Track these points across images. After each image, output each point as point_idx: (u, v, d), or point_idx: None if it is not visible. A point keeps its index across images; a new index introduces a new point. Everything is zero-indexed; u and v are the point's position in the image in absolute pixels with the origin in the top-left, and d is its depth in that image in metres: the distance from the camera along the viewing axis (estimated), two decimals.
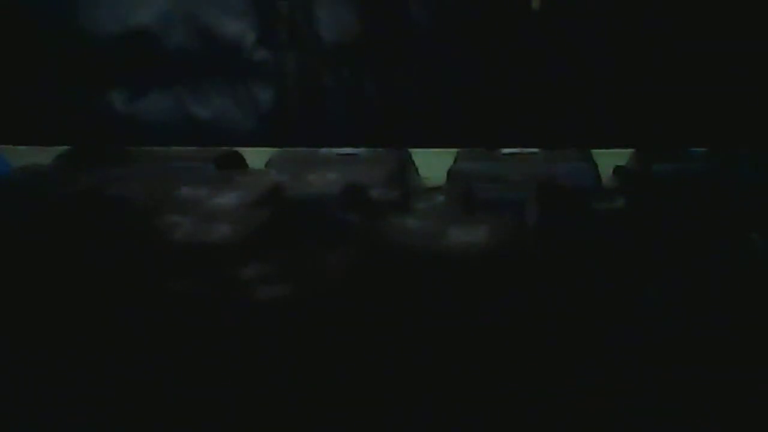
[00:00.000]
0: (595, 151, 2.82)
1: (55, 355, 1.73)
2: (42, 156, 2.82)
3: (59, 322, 1.84)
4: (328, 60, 2.97)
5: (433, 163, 2.83)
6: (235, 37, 2.96)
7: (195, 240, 2.21)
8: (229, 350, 1.75)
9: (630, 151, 2.84)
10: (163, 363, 1.71)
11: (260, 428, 1.57)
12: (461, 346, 1.71)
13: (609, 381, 1.58)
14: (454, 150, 2.89)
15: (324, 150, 2.95)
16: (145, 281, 1.99)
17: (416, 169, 2.82)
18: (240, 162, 2.94)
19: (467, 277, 1.96)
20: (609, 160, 2.79)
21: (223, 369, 1.70)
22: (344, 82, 3.03)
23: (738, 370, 1.60)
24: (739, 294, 1.84)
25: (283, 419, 1.58)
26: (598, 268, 1.94)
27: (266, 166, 2.85)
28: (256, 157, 2.90)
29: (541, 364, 1.64)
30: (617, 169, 2.77)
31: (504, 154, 2.88)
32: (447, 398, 1.58)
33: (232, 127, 3.01)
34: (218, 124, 2.98)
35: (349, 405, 1.58)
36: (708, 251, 1.95)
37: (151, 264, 2.07)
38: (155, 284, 1.97)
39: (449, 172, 2.74)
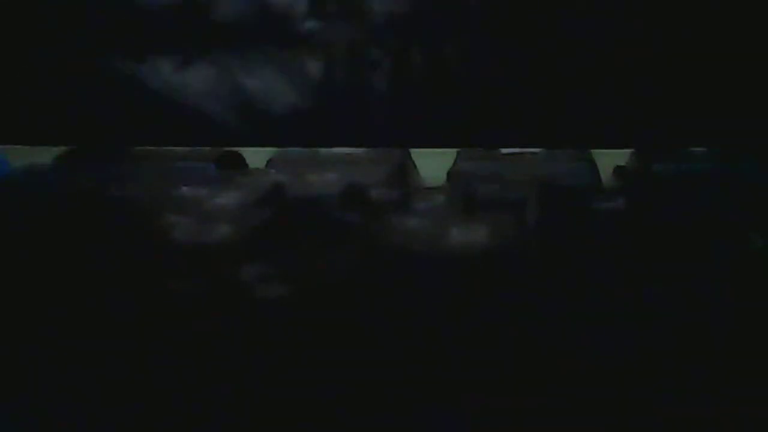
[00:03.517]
0: (595, 151, 2.82)
1: (55, 355, 1.73)
2: (42, 156, 2.83)
3: (59, 322, 1.84)
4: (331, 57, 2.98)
5: (433, 163, 2.83)
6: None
7: (195, 240, 2.21)
8: (228, 350, 1.75)
9: (630, 151, 2.85)
10: (163, 363, 1.71)
11: (260, 428, 1.57)
12: (461, 346, 1.71)
13: (609, 381, 1.59)
14: (454, 150, 2.90)
15: (324, 150, 2.96)
16: (145, 281, 1.99)
17: (416, 169, 2.83)
18: (240, 162, 2.95)
19: (467, 277, 1.95)
20: (609, 160, 2.79)
21: (223, 369, 1.70)
22: (344, 81, 3.04)
23: (738, 370, 1.60)
24: (740, 294, 1.84)
25: (283, 419, 1.58)
26: (599, 268, 1.94)
27: (266, 166, 2.86)
28: (256, 157, 2.91)
29: (541, 364, 1.64)
30: (617, 169, 2.77)
31: (504, 154, 2.89)
32: (447, 399, 1.58)
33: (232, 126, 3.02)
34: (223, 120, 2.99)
35: (349, 405, 1.59)
36: (708, 251, 1.95)
37: (151, 264, 2.07)
38: (155, 284, 1.97)
39: (449, 172, 2.74)
